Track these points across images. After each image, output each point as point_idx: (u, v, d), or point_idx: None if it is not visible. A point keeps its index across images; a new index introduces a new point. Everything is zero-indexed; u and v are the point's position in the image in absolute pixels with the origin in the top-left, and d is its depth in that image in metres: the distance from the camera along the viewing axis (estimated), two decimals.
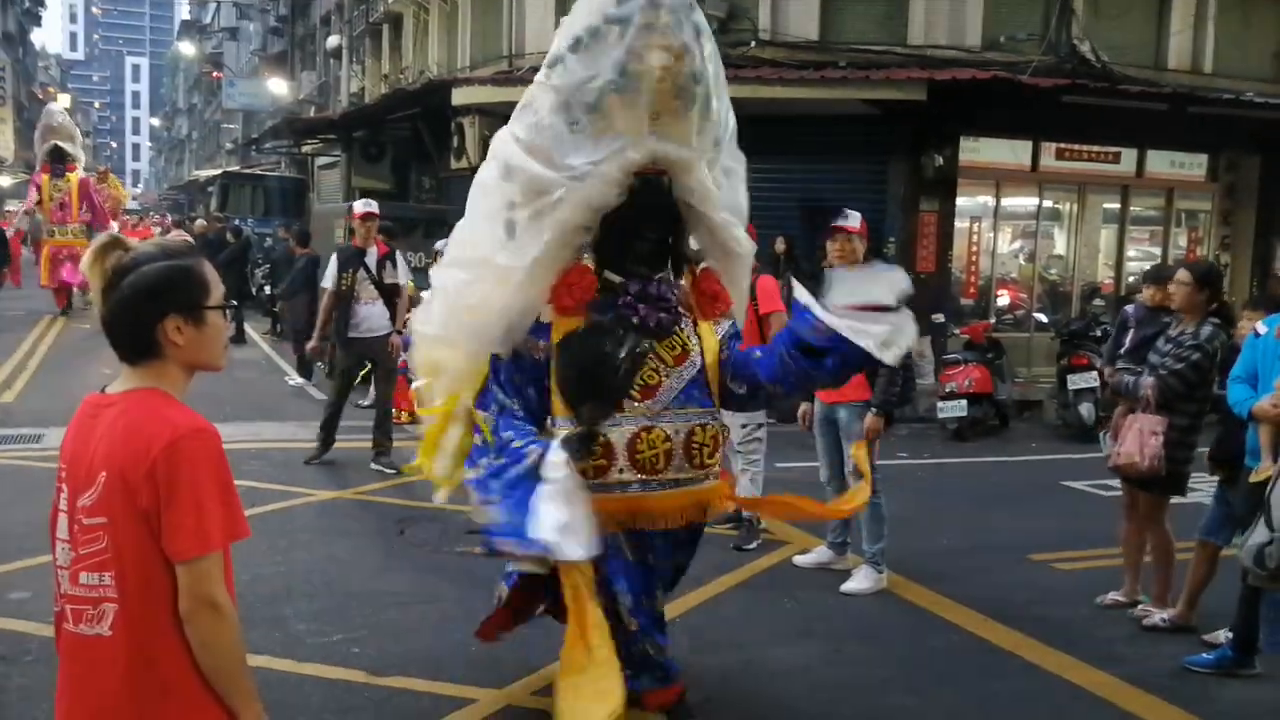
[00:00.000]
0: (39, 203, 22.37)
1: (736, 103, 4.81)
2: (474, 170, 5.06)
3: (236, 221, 23.98)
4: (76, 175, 22.30)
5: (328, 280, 9.92)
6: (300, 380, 14.95)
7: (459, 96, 17.45)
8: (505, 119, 4.85)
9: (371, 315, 9.79)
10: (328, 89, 38.79)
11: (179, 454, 2.42)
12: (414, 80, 24.73)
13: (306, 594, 6.59)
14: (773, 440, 8.18)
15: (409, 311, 7.71)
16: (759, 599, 6.84)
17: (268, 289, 20.98)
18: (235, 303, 19.42)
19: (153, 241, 2.61)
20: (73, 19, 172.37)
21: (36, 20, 73.24)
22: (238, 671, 2.53)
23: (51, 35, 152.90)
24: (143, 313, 2.51)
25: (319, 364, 15.10)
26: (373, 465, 9.68)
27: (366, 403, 11.13)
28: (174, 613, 2.45)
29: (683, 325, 4.67)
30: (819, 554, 7.48)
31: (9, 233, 23.40)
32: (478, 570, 5.91)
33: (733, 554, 7.59)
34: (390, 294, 9.84)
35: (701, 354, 4.67)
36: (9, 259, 23.39)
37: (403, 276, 10.04)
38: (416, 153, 24.60)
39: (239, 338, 18.74)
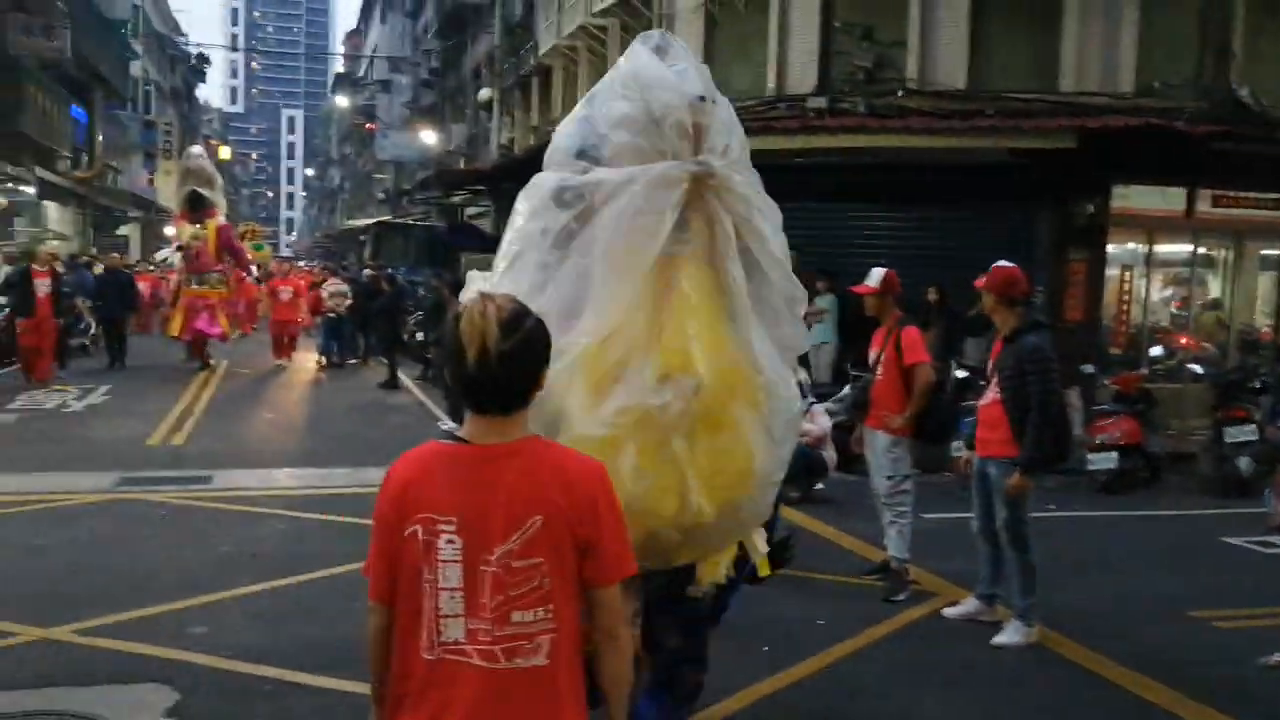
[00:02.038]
0: (180, 249, 21.53)
1: (883, 151, 4.84)
2: None
3: (389, 270, 24.69)
4: (214, 222, 21.41)
5: None
6: (453, 425, 15.26)
7: None
8: None
9: None
10: (477, 140, 39.78)
11: (608, 487, 2.69)
12: None
13: None
14: (919, 491, 8.18)
15: None
16: (908, 650, 6.84)
17: (419, 335, 21.58)
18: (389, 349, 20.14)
19: (507, 295, 2.74)
20: (233, 74, 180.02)
21: (201, 76, 76.49)
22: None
23: (214, 90, 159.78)
24: (539, 363, 2.70)
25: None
26: None
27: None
28: (579, 631, 2.68)
29: None
30: (968, 606, 7.43)
31: (173, 281, 23.69)
32: None
33: (881, 605, 7.60)
34: None
35: None
36: (136, 306, 23.58)
37: None
38: None
39: (393, 383, 19.36)
